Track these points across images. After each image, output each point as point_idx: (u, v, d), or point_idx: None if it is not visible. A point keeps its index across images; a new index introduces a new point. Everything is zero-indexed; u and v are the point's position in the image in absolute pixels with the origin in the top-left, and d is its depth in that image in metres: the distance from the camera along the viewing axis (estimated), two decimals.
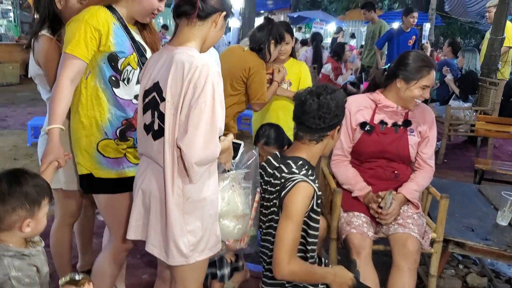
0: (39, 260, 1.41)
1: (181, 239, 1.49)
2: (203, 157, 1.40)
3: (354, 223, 2.06)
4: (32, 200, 1.33)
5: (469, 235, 2.13)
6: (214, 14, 1.51)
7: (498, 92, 4.80)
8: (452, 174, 4.43)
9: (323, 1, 23.17)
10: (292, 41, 2.90)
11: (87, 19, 1.66)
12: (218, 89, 1.42)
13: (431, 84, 2.13)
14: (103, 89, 1.74)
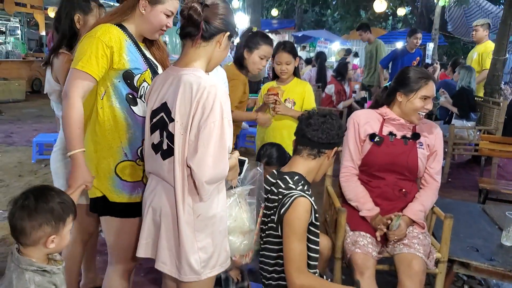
0: (58, 279, 1.43)
1: (193, 256, 1.51)
2: (213, 175, 1.43)
3: (360, 243, 2.07)
4: (57, 217, 1.36)
5: (474, 255, 2.12)
6: (218, 35, 1.54)
7: (501, 111, 4.83)
8: (456, 193, 4.42)
9: (328, 21, 23.46)
10: (296, 61, 2.93)
11: (99, 35, 1.65)
12: (226, 109, 1.45)
13: (431, 94, 2.17)
14: (120, 108, 1.72)
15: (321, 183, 2.21)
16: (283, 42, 3.04)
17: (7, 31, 12.52)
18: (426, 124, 2.29)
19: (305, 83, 3.07)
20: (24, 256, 1.36)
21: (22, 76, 10.47)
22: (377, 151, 2.21)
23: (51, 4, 11.79)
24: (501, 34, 5.33)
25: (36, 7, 11.75)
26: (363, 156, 2.26)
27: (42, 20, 12.11)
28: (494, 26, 10.98)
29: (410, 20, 19.46)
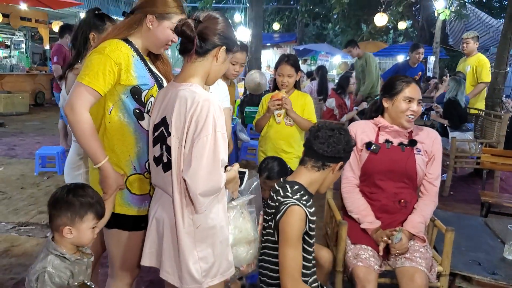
0: (78, 268, 1.55)
1: (193, 266, 1.54)
2: (207, 188, 1.46)
3: (361, 256, 2.06)
4: (73, 211, 1.50)
5: (476, 269, 2.11)
6: (213, 50, 1.57)
7: (503, 124, 4.84)
8: (458, 207, 4.40)
9: (329, 34, 23.66)
10: (298, 75, 2.97)
11: (108, 52, 1.66)
12: (219, 123, 1.48)
13: (414, 95, 2.19)
14: (128, 122, 1.73)
15: (322, 196, 2.22)
16: (287, 55, 3.07)
17: (12, 45, 12.67)
18: (423, 131, 2.30)
19: (305, 95, 3.10)
20: (55, 242, 1.53)
21: (26, 89, 10.57)
22: (375, 158, 2.23)
23: (55, 18, 11.97)
24: (502, 47, 5.38)
25: (41, 22, 11.93)
26: (362, 165, 2.27)
27: (47, 34, 12.27)
28: (495, 39, 11.09)
29: (411, 34, 19.61)
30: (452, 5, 10.15)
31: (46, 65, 12.31)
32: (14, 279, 2.76)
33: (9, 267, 2.91)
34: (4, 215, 3.83)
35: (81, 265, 1.57)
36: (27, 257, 3.05)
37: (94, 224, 1.55)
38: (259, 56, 9.95)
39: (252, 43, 9.74)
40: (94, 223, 1.55)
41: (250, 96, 8.70)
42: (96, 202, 1.55)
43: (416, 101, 2.21)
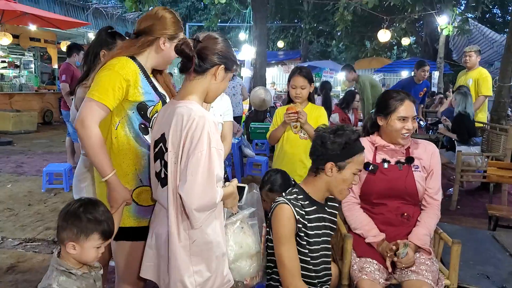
0: (85, 282, 1.54)
1: (188, 279, 1.55)
2: (202, 203, 1.48)
3: (366, 269, 2.05)
4: (80, 228, 1.49)
5: (485, 283, 2.09)
6: (212, 68, 1.61)
7: (509, 138, 4.81)
8: (466, 221, 4.34)
9: (333, 51, 23.86)
10: (311, 86, 2.95)
11: (118, 69, 1.72)
12: (214, 139, 1.51)
13: (408, 114, 2.17)
14: (134, 137, 1.79)
15: None
16: (300, 67, 3.07)
17: (21, 65, 12.86)
18: (420, 145, 2.28)
19: (319, 108, 3.07)
20: (61, 258, 1.53)
21: (34, 108, 10.72)
22: (373, 179, 2.22)
23: (64, 38, 12.20)
24: (506, 61, 5.39)
25: (50, 42, 12.14)
26: (361, 186, 2.27)
27: (55, 54, 12.48)
28: (498, 54, 11.12)
29: (415, 50, 19.72)
30: (455, 21, 10.22)
31: (55, 84, 12.48)
32: None
33: (15, 283, 2.91)
34: (11, 231, 3.84)
35: (89, 279, 1.57)
36: (33, 273, 3.05)
37: (99, 244, 1.53)
38: (264, 73, 10.03)
39: (256, 61, 9.84)
40: (100, 243, 1.53)
41: (255, 112, 8.76)
42: (104, 221, 1.54)
43: (411, 119, 2.18)
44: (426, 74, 6.10)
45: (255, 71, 9.99)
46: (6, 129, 9.40)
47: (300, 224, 1.80)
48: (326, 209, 1.95)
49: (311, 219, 1.86)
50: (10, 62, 12.35)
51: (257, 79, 9.71)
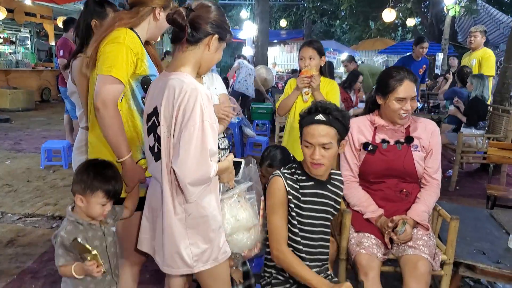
0: (92, 233, 1.64)
1: (185, 251, 1.56)
2: (196, 178, 1.45)
3: (364, 244, 2.06)
4: (87, 184, 1.60)
5: (481, 258, 2.09)
6: (205, 38, 1.55)
7: (511, 119, 4.78)
8: (464, 201, 4.36)
9: (336, 31, 23.55)
10: (322, 60, 2.87)
11: (128, 43, 1.69)
12: (207, 112, 1.47)
13: (406, 95, 2.11)
14: (137, 110, 1.80)
15: None
16: (310, 39, 3.02)
17: (17, 41, 12.70)
18: (421, 123, 2.24)
19: (332, 82, 2.98)
20: (73, 211, 1.65)
21: (32, 85, 10.65)
22: (372, 159, 2.21)
23: (60, 14, 12.00)
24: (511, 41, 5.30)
25: (46, 17, 11.94)
26: (359, 165, 2.25)
27: (52, 30, 12.28)
28: (505, 36, 10.95)
29: (420, 31, 19.46)
30: (462, 1, 10.04)
31: (52, 61, 12.38)
32: (20, 267, 2.79)
33: (14, 256, 2.94)
34: (10, 206, 3.87)
35: (97, 231, 1.65)
36: (32, 247, 3.08)
37: (104, 202, 1.62)
38: (266, 52, 9.90)
39: (258, 38, 9.71)
40: (104, 201, 1.62)
41: (257, 92, 8.70)
42: (109, 181, 1.62)
43: (409, 99, 2.13)
44: (425, 51, 6.03)
45: (256, 49, 9.87)
46: (3, 106, 9.39)
47: (291, 196, 1.80)
48: (328, 186, 1.91)
49: (305, 194, 1.84)
50: (5, 38, 12.19)
51: (259, 57, 9.60)
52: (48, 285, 2.57)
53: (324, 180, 1.90)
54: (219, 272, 1.68)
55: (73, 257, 1.59)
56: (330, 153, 1.78)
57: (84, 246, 1.51)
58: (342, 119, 1.79)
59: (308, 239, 1.87)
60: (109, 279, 1.70)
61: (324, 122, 1.77)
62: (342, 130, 1.80)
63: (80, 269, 1.57)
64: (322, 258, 1.91)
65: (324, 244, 1.91)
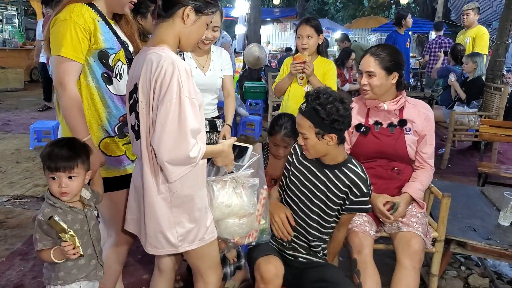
0: (71, 216, 1.55)
1: (169, 231, 1.53)
2: (174, 156, 1.39)
3: (356, 221, 2.05)
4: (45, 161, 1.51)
5: (471, 235, 2.11)
6: (179, 10, 1.47)
7: (503, 97, 4.79)
8: (456, 179, 4.39)
9: (330, 10, 23.26)
10: (320, 38, 2.77)
11: (74, 18, 1.60)
12: (185, 87, 1.40)
13: (362, 68, 2.13)
14: (97, 87, 1.72)
15: None
16: (308, 17, 2.90)
17: (3, 19, 12.35)
18: (415, 106, 2.19)
19: (329, 62, 2.88)
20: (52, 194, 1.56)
21: (20, 65, 10.38)
22: (364, 141, 2.18)
23: None
24: (504, 18, 5.27)
25: None
26: (351, 147, 2.23)
27: (40, 8, 11.81)
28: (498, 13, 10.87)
29: (413, 9, 19.28)
30: None
31: None
32: (9, 249, 2.77)
33: (3, 238, 2.91)
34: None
35: (78, 214, 1.57)
36: (22, 228, 3.05)
37: (51, 175, 1.51)
38: (258, 30, 9.71)
39: (250, 16, 9.51)
40: (50, 174, 1.51)
41: (249, 71, 8.58)
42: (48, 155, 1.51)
43: (364, 73, 2.11)
44: (411, 22, 6.15)
45: (249, 27, 9.67)
46: None
47: (287, 163, 1.93)
48: (336, 172, 1.85)
49: (299, 169, 1.88)
50: None
51: (251, 35, 9.42)
52: (37, 267, 2.56)
53: (331, 164, 1.86)
54: (207, 252, 1.66)
55: (52, 242, 1.52)
56: (308, 142, 1.79)
57: (60, 225, 1.46)
58: (323, 113, 1.69)
59: (290, 207, 1.93)
60: (94, 264, 1.63)
61: (301, 112, 1.78)
62: (320, 124, 1.72)
63: (59, 253, 1.50)
64: (310, 238, 1.91)
65: (312, 225, 1.89)
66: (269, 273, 1.74)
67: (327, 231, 1.93)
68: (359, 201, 1.85)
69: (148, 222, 1.55)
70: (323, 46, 2.87)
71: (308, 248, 1.93)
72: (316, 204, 1.87)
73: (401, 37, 6.09)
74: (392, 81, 2.11)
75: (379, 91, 2.11)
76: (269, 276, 1.73)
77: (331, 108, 1.69)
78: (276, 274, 1.75)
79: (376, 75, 2.08)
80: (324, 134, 1.74)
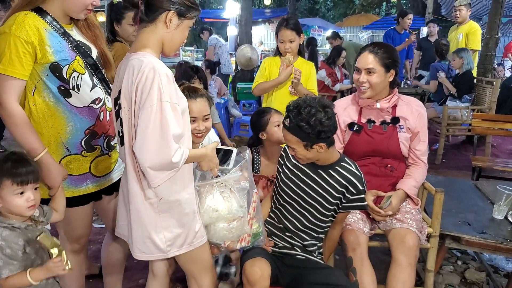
0: (31, 234, 1.45)
1: (157, 236, 1.53)
2: (156, 161, 1.39)
3: (350, 219, 2.05)
4: None
5: (466, 229, 2.11)
6: (162, 15, 1.46)
7: (495, 90, 4.81)
8: (450, 174, 4.41)
9: (321, 8, 23.30)
10: (301, 38, 2.79)
11: (14, 31, 1.48)
12: (166, 92, 1.39)
13: (359, 65, 2.12)
14: (54, 102, 1.62)
15: None
16: (286, 18, 2.87)
17: None
18: (407, 103, 2.19)
19: (309, 63, 2.92)
20: (2, 215, 1.44)
21: None
22: (357, 140, 2.18)
23: None
24: (494, 12, 5.30)
25: None
26: (344, 145, 2.23)
27: None
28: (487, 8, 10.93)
29: (403, 5, 19.36)
30: None
31: None
32: None
33: None
34: None
35: (34, 231, 1.48)
36: None
37: (19, 190, 1.41)
38: (250, 31, 9.74)
39: (242, 17, 9.53)
40: (17, 189, 1.41)
41: (242, 72, 8.59)
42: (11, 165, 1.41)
43: (363, 70, 2.10)
44: (410, 22, 6.15)
45: (240, 29, 9.69)
46: None
47: (279, 165, 1.97)
48: (330, 172, 1.85)
49: (292, 170, 1.90)
50: None
51: (243, 36, 9.44)
52: None
53: (324, 165, 1.86)
54: (198, 255, 1.66)
55: (19, 264, 1.41)
56: (298, 152, 1.80)
57: (53, 240, 1.39)
58: (307, 129, 1.69)
59: (284, 208, 1.94)
60: (51, 282, 1.55)
61: (286, 127, 1.78)
62: (307, 138, 1.72)
63: (40, 272, 1.40)
64: (306, 238, 1.92)
65: (308, 226, 1.90)
66: (254, 275, 1.73)
67: (323, 230, 1.93)
68: (355, 199, 1.86)
69: (134, 227, 1.55)
70: (302, 46, 2.90)
71: (303, 247, 1.93)
72: (312, 205, 1.88)
73: (398, 35, 6.17)
74: (389, 78, 2.12)
75: (378, 88, 2.12)
76: (254, 278, 1.72)
77: (314, 121, 1.68)
78: (262, 276, 1.73)
79: (376, 72, 2.08)
80: (312, 144, 1.74)
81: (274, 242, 1.96)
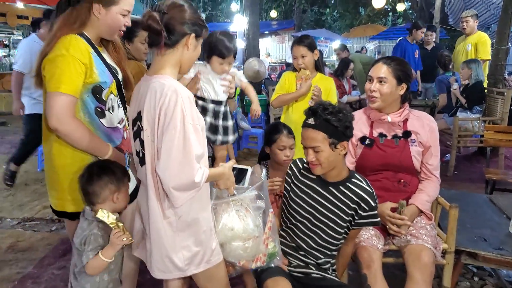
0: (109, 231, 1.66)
1: (176, 255, 1.55)
2: (179, 182, 1.42)
3: (363, 236, 2.05)
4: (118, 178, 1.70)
5: (482, 245, 2.09)
6: (183, 39, 1.52)
7: (506, 101, 4.77)
8: (463, 186, 4.36)
9: (327, 20, 23.40)
10: (315, 54, 2.91)
11: (72, 53, 1.60)
12: (189, 114, 1.44)
13: (372, 74, 2.16)
14: (89, 122, 1.71)
15: None
16: (300, 36, 3.01)
17: (10, 44, 12.56)
18: (418, 118, 2.21)
19: (329, 79, 3.01)
20: None
21: None
22: (369, 154, 2.19)
23: None
24: (503, 23, 5.29)
25: None
26: (356, 159, 2.23)
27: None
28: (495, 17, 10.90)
29: (410, 16, 19.38)
30: None
31: None
32: (20, 273, 2.77)
33: (15, 261, 2.92)
34: (9, 211, 3.84)
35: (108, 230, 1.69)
36: (32, 251, 3.06)
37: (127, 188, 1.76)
38: (257, 44, 9.82)
39: (249, 31, 9.62)
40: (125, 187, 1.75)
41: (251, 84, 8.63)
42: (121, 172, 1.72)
43: (375, 79, 2.13)
44: (422, 36, 6.19)
45: (248, 42, 9.78)
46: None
47: (286, 183, 1.97)
48: (341, 188, 1.86)
49: (301, 188, 1.91)
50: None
51: (251, 50, 9.52)
52: None
53: (335, 181, 1.87)
54: (214, 274, 1.67)
55: (97, 248, 1.63)
56: (321, 156, 1.79)
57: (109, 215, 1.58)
58: (335, 122, 1.74)
59: (296, 227, 1.93)
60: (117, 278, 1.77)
61: (312, 126, 1.79)
62: (335, 133, 1.75)
63: (107, 251, 1.61)
64: (319, 256, 1.91)
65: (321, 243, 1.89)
66: None
67: (336, 248, 1.93)
68: (368, 215, 1.86)
69: (154, 246, 1.56)
70: (319, 62, 2.98)
71: (318, 265, 1.92)
72: (325, 222, 1.88)
73: (410, 46, 6.22)
74: (400, 92, 2.14)
75: (388, 99, 2.13)
76: None
77: (342, 116, 1.75)
78: None
79: (388, 82, 2.11)
80: (337, 143, 1.77)
81: (289, 261, 1.96)
